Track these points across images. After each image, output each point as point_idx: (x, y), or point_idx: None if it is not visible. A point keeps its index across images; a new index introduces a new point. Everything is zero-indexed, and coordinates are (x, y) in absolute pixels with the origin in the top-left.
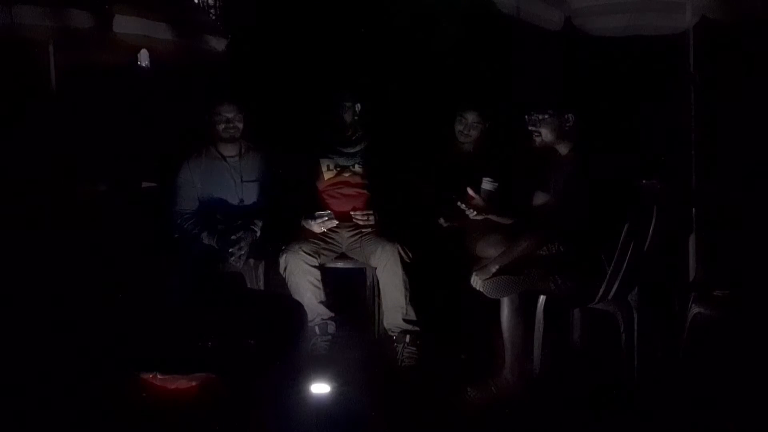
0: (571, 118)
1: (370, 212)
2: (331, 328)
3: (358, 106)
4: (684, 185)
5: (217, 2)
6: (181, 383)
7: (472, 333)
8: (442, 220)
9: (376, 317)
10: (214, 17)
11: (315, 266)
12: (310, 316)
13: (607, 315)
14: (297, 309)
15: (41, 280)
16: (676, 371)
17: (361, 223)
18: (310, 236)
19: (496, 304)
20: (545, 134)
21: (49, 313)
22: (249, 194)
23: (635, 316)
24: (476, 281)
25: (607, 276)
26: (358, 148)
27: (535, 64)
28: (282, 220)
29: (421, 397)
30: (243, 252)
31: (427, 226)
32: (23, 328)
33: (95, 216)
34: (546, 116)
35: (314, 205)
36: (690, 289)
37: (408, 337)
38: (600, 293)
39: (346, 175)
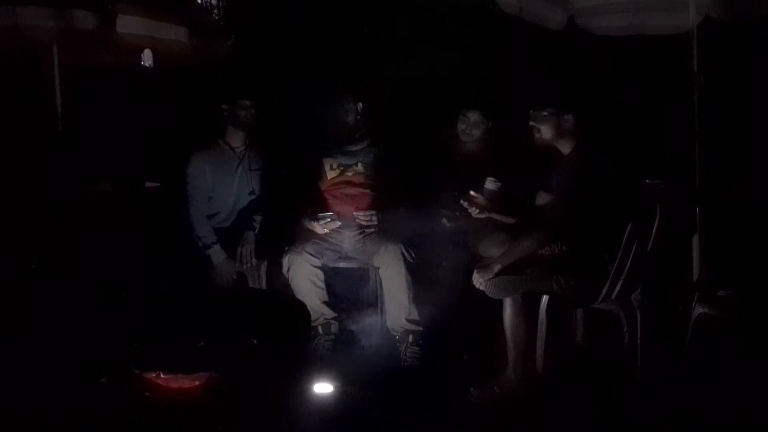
0: (570, 119)
1: (373, 212)
2: (334, 327)
3: (360, 106)
4: (687, 185)
5: (220, 2)
6: (184, 383)
7: (474, 333)
8: (444, 220)
9: (379, 317)
10: (217, 17)
11: (318, 266)
12: (313, 316)
13: (610, 315)
14: (300, 309)
15: (42, 279)
16: (680, 371)
17: (363, 223)
18: (313, 237)
19: (499, 304)
20: (544, 131)
21: (51, 313)
22: (257, 183)
23: (638, 316)
24: (478, 280)
25: (610, 276)
26: (360, 147)
27: (538, 64)
28: (285, 220)
29: (423, 396)
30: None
31: (429, 226)
32: (25, 328)
33: (98, 215)
34: (546, 113)
35: (317, 205)
36: (693, 289)
37: (411, 336)
38: (603, 293)
39: (349, 174)
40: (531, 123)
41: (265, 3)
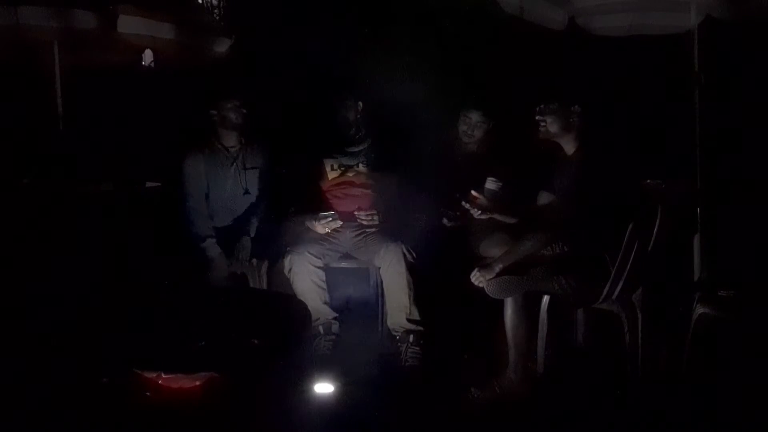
0: (577, 109)
1: (374, 212)
2: (335, 327)
3: (360, 105)
4: (687, 185)
5: (221, 2)
6: (185, 383)
7: (475, 333)
8: (445, 220)
9: (380, 317)
10: (217, 17)
11: (319, 267)
12: (314, 316)
13: (611, 315)
14: (301, 309)
15: (43, 279)
16: (680, 372)
17: (365, 222)
18: (314, 237)
19: (500, 304)
20: (550, 124)
21: (52, 313)
22: (252, 182)
23: (639, 316)
24: (477, 278)
25: (611, 276)
26: (361, 148)
27: (539, 64)
28: (284, 220)
29: (424, 396)
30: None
31: (430, 226)
32: (25, 328)
33: (99, 215)
34: (553, 106)
35: (318, 205)
36: (694, 289)
37: (412, 336)
38: (604, 293)
39: (350, 174)
40: (537, 117)
41: (266, 2)
